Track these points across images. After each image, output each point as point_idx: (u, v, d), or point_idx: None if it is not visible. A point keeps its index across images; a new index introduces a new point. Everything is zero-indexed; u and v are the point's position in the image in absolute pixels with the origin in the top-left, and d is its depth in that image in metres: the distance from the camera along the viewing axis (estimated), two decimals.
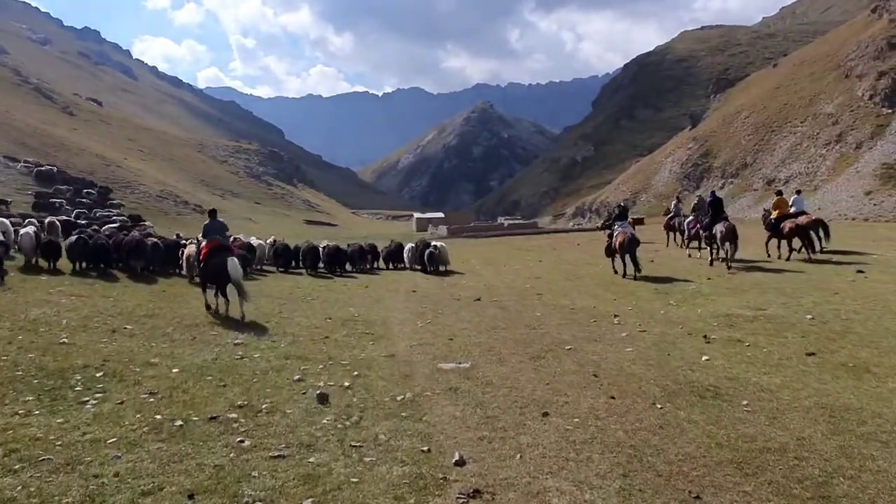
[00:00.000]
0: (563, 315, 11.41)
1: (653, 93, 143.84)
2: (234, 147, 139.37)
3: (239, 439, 5.10)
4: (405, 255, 22.51)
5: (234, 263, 10.60)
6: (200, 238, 12.30)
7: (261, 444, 5.04)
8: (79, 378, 6.60)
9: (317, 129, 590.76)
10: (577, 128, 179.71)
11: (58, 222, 21.25)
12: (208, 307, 11.33)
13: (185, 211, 63.67)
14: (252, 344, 8.84)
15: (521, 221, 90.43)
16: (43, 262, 15.48)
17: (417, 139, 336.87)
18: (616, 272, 16.41)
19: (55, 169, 51.93)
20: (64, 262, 15.57)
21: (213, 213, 12.30)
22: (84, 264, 15.63)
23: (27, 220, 20.63)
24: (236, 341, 8.92)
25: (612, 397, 6.35)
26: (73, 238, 15.86)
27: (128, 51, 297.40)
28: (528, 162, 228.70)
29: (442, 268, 20.84)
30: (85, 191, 49.74)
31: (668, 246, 23.71)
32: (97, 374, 6.76)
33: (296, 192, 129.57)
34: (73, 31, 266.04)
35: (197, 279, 13.67)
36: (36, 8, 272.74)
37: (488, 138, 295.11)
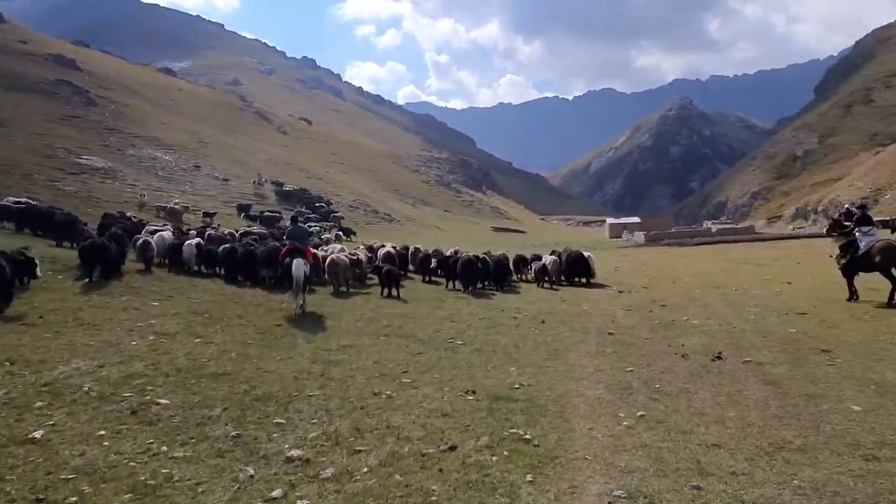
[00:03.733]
0: None
1: None
2: (425, 156, 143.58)
3: None
4: (548, 267, 18.50)
5: (298, 264, 11.50)
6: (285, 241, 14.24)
7: None
8: None
9: (507, 136, 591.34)
10: (796, 119, 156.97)
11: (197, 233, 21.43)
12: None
13: (374, 220, 64.51)
14: (314, 461, 4.91)
15: (732, 226, 79.12)
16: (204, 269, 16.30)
17: (610, 141, 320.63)
18: (856, 299, 12.88)
19: (294, 187, 59.42)
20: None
21: (294, 220, 14.41)
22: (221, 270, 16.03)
23: (191, 233, 21.23)
24: (291, 452, 5.03)
25: None
26: (225, 248, 16.25)
27: (339, 75, 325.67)
28: (734, 160, 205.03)
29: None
30: (317, 204, 55.28)
31: None
32: None
33: (484, 199, 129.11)
34: (294, 61, 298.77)
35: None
36: (265, 43, 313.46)
37: (688, 137, 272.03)
